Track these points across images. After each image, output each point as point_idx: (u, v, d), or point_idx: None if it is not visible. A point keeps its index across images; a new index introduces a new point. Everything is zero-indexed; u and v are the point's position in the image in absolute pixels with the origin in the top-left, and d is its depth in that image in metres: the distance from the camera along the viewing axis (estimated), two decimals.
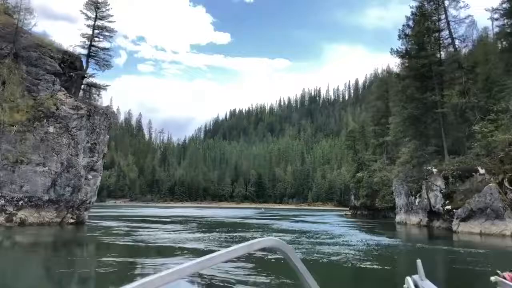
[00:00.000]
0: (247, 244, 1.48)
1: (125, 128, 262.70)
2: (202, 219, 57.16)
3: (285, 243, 1.58)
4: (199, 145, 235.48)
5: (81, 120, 37.37)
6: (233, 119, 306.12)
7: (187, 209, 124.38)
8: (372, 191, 73.76)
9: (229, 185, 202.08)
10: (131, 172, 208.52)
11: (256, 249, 1.51)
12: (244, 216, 70.78)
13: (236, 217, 65.91)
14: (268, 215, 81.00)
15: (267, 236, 1.69)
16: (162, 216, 65.19)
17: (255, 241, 1.51)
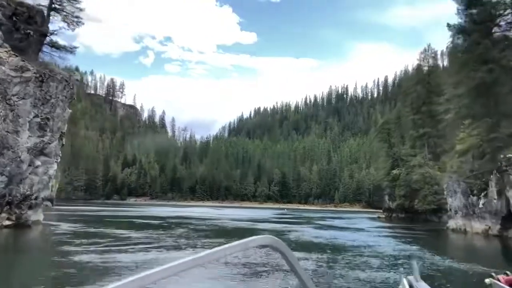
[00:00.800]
0: (242, 242, 1.45)
1: (148, 125, 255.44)
2: (206, 221, 46.73)
3: (280, 241, 1.54)
4: (221, 143, 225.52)
5: (26, 86, 27.17)
6: (257, 118, 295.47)
7: (203, 208, 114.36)
8: (411, 190, 61.85)
9: (252, 184, 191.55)
10: (152, 170, 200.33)
11: (251, 247, 1.48)
12: (260, 218, 60.07)
13: (250, 219, 55.28)
14: (289, 217, 70.17)
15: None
16: (164, 217, 55.15)
17: (251, 239, 1.48)
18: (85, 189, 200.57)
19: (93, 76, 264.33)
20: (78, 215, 55.49)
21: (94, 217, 50.56)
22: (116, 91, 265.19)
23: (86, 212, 64.01)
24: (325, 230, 37.96)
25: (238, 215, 70.40)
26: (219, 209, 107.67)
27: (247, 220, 51.27)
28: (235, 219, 52.98)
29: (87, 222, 38.96)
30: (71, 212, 63.53)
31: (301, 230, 35.70)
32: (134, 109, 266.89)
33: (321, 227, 42.76)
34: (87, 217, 50.46)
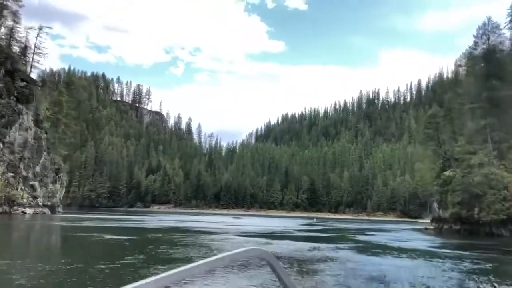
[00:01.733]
0: (232, 253, 1.41)
1: (174, 132, 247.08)
2: (210, 236, 35.21)
3: (270, 253, 1.49)
4: (247, 149, 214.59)
5: None
6: (285, 124, 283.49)
7: (224, 217, 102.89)
8: (470, 196, 48.79)
9: (279, 192, 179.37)
10: (176, 177, 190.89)
11: (241, 259, 1.44)
12: (284, 231, 48.24)
13: (270, 233, 43.48)
14: (318, 228, 58.14)
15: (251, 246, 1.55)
16: (161, 228, 44.02)
17: (241, 250, 1.44)
18: (108, 196, 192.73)
19: (120, 83, 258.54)
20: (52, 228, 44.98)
21: (66, 232, 40.12)
22: (143, 98, 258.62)
23: (81, 222, 53.56)
24: (370, 255, 25.65)
25: (259, 226, 58.73)
26: (242, 218, 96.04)
27: (264, 234, 39.44)
28: (249, 233, 41.22)
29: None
30: (64, 221, 53.16)
31: (336, 256, 23.42)
32: (160, 115, 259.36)
33: (363, 248, 30.15)
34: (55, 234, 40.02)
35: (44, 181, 67.88)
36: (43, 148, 68.15)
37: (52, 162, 75.67)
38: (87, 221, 55.75)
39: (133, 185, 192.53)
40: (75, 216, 68.74)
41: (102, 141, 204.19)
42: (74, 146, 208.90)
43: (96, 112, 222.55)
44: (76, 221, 54.43)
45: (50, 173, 71.25)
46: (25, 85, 63.36)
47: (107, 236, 31.54)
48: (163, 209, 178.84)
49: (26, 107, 63.70)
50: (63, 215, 75.59)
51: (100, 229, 40.42)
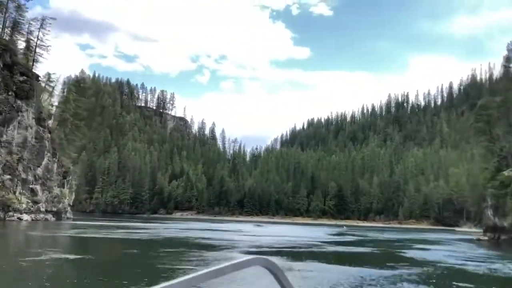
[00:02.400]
0: (235, 263, 1.38)
1: (197, 137, 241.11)
2: (213, 249, 27.33)
3: (274, 262, 1.46)
4: (272, 154, 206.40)
5: None
6: (310, 129, 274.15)
7: (246, 225, 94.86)
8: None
9: (305, 198, 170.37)
10: (199, 182, 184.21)
11: (243, 268, 1.41)
12: (310, 241, 39.96)
13: (294, 244, 35.32)
14: (351, 239, 49.66)
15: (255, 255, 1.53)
16: (170, 238, 36.45)
17: (244, 259, 1.40)
18: (131, 203, 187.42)
19: (144, 89, 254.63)
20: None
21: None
22: (167, 104, 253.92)
23: (84, 231, 46.66)
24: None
25: (281, 236, 50.57)
26: (263, 226, 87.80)
27: (284, 249, 31.29)
28: (265, 246, 33.04)
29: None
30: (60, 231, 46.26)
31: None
32: (184, 121, 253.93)
33: (433, 275, 21.15)
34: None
35: (47, 184, 61.33)
36: (46, 149, 61.72)
37: (60, 165, 69.30)
38: (93, 230, 48.86)
39: (155, 191, 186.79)
40: (84, 224, 62.06)
41: (125, 146, 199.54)
42: (88, 149, 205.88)
43: (120, 118, 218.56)
44: (81, 230, 47.55)
45: (54, 176, 64.77)
46: (25, 80, 57.11)
47: (97, 251, 24.12)
48: (185, 215, 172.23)
49: (26, 104, 57.39)
50: (73, 222, 69.16)
51: (100, 241, 33.20)
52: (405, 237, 60.93)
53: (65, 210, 70.02)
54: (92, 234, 40.46)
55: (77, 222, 65.82)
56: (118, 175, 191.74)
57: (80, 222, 67.50)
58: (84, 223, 64.66)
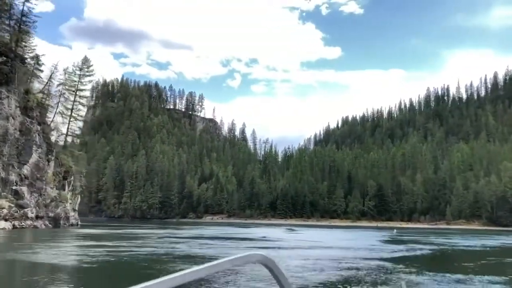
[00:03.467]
0: (232, 258, 1.39)
1: (227, 138, 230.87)
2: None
3: (271, 258, 1.47)
4: (305, 153, 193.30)
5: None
6: (345, 127, 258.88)
7: (276, 229, 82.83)
8: None
9: (342, 199, 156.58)
10: (229, 184, 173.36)
11: (241, 263, 1.41)
12: (361, 256, 27.51)
13: (336, 261, 23.10)
14: (417, 248, 36.61)
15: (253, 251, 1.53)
16: (153, 256, 24.91)
17: (241, 255, 1.41)
18: (160, 207, 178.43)
19: (172, 91, 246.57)
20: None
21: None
22: (196, 105, 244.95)
23: (71, 247, 35.78)
24: None
25: (320, 245, 38.10)
26: (296, 231, 75.26)
27: (327, 273, 19.04)
28: (296, 268, 20.84)
29: None
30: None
31: None
32: (214, 122, 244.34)
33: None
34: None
35: (37, 185, 51.13)
36: (36, 143, 51.62)
37: (58, 163, 59.22)
38: (88, 242, 38.13)
39: (184, 194, 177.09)
40: (84, 233, 51.60)
41: (153, 149, 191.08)
42: (116, 153, 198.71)
43: (148, 120, 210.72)
44: (64, 244, 36.93)
45: (49, 176, 54.65)
46: (4, 61, 47.31)
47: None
48: (215, 219, 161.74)
49: (7, 89, 47.45)
50: (76, 229, 59.15)
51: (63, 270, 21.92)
52: (458, 241, 47.78)
53: (66, 216, 59.75)
54: (69, 253, 29.32)
55: (78, 230, 55.52)
56: (146, 179, 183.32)
57: (83, 230, 57.28)
58: (85, 232, 54.23)
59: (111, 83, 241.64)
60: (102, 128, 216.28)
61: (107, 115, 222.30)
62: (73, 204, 64.24)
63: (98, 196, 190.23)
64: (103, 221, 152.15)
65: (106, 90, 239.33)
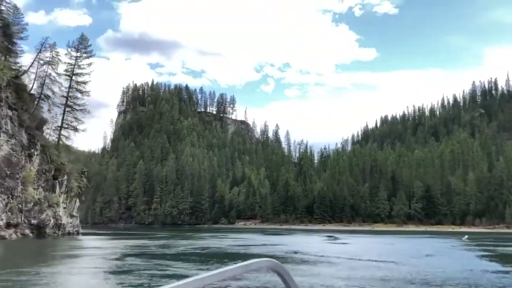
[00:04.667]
0: (243, 265, 1.37)
1: (260, 140, 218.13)
2: None
3: (281, 264, 1.45)
4: (343, 153, 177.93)
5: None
6: (385, 126, 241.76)
7: (315, 237, 69.15)
8: None
9: (385, 202, 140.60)
10: (262, 188, 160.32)
11: (252, 269, 1.40)
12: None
13: None
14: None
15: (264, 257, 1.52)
16: None
17: (252, 261, 1.40)
18: (191, 213, 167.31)
19: (203, 93, 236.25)
20: None
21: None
22: (227, 107, 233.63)
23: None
24: None
25: (388, 262, 24.45)
26: (340, 239, 61.28)
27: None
28: None
29: None
30: None
31: None
32: (246, 124, 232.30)
33: None
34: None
35: (7, 185, 39.50)
36: (7, 132, 40.12)
37: (47, 160, 47.75)
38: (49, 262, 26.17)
39: (216, 199, 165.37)
40: (74, 245, 40.00)
41: (183, 153, 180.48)
42: (145, 157, 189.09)
43: (177, 123, 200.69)
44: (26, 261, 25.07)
45: (29, 174, 43.07)
46: None
47: None
48: (248, 225, 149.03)
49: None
50: (72, 240, 47.73)
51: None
52: None
53: (56, 223, 48.12)
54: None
55: (70, 242, 43.83)
56: (176, 183, 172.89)
57: (76, 241, 45.75)
58: (75, 244, 42.51)
59: (141, 88, 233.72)
60: (132, 133, 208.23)
61: (137, 120, 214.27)
62: (69, 208, 52.70)
63: (128, 202, 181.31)
64: (124, 229, 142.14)
65: (136, 95, 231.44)
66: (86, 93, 54.29)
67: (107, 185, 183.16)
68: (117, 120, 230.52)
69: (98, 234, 70.55)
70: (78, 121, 53.39)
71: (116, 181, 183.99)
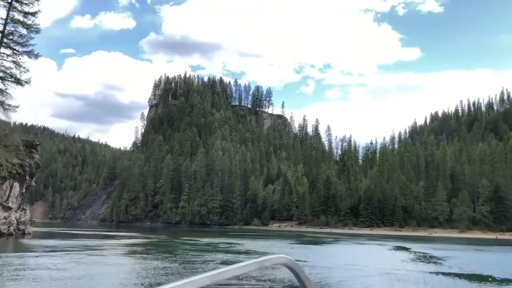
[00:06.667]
0: (257, 261, 1.37)
1: (298, 136, 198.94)
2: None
3: (295, 261, 1.45)
4: (393, 148, 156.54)
5: None
6: (435, 123, 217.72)
7: (368, 245, 50.12)
8: None
9: (445, 203, 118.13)
10: (300, 186, 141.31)
11: (266, 266, 1.40)
12: None
13: None
14: None
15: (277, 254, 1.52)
16: None
17: (266, 258, 1.41)
18: (220, 212, 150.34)
19: (237, 86, 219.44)
20: None
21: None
22: (263, 100, 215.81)
23: None
24: None
25: None
26: (414, 251, 41.91)
27: None
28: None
29: None
30: None
31: None
32: (283, 118, 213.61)
33: None
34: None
35: None
36: None
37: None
38: None
39: (248, 197, 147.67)
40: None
41: (213, 146, 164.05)
42: (174, 152, 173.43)
43: (209, 116, 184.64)
44: None
45: None
46: None
47: None
48: (283, 227, 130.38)
49: None
50: (21, 240, 30.85)
51: None
52: None
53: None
54: None
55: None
56: (205, 180, 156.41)
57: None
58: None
59: (174, 80, 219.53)
60: (162, 127, 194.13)
61: (168, 113, 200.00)
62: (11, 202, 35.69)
63: (155, 199, 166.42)
64: (149, 228, 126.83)
65: (168, 88, 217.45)
66: (34, 28, 37.71)
67: (133, 180, 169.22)
68: (148, 114, 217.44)
69: (67, 235, 54.24)
70: (20, 68, 36.76)
71: (143, 176, 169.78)
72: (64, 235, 56.10)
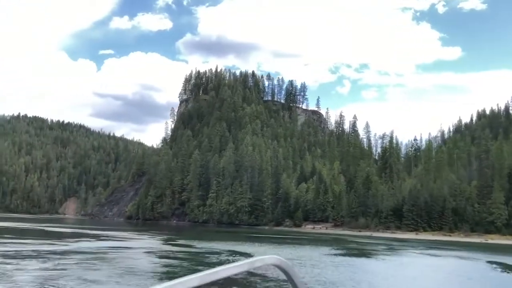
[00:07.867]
0: (249, 261, 1.35)
1: (335, 132, 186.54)
2: None
3: (287, 261, 1.43)
4: (440, 145, 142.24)
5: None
6: (483, 121, 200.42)
7: (438, 258, 38.64)
8: None
9: (502, 205, 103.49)
10: (336, 185, 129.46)
11: (258, 266, 1.38)
12: None
13: None
14: None
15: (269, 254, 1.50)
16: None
17: (257, 258, 1.39)
18: (250, 211, 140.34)
19: (270, 80, 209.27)
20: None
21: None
22: (297, 95, 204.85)
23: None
24: None
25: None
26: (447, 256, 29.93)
27: None
28: None
29: None
30: None
31: None
32: (318, 114, 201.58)
33: None
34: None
35: None
36: None
37: None
38: None
39: (279, 196, 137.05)
40: None
41: (242, 142, 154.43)
42: (202, 147, 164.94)
43: (240, 110, 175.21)
44: None
45: None
46: None
47: None
48: (318, 229, 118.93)
49: None
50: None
51: None
52: None
53: None
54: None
55: None
56: (234, 177, 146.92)
57: None
58: None
59: (204, 75, 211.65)
60: (192, 122, 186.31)
61: (198, 108, 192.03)
62: None
63: (182, 196, 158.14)
64: (175, 227, 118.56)
65: (199, 83, 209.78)
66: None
67: (160, 176, 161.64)
68: (178, 109, 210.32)
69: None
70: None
71: (170, 172, 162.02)
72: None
